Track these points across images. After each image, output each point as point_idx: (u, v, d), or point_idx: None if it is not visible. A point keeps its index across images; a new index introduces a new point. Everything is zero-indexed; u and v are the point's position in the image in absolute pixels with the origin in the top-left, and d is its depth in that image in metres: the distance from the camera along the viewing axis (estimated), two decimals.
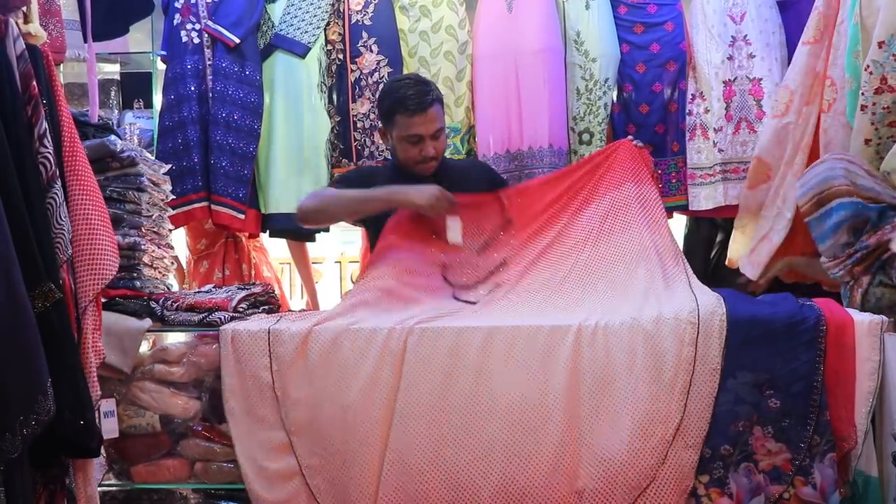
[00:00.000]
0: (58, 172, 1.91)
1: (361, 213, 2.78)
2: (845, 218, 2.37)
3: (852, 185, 2.39)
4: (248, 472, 2.31)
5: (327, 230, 3.61)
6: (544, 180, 2.88)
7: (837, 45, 2.79)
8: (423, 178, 2.73)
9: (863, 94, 2.54)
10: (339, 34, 3.58)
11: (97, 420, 2.10)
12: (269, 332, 2.34)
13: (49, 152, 1.88)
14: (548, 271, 2.62)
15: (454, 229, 2.66)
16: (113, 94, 4.05)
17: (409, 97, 2.66)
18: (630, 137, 2.76)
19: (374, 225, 2.78)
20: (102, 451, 2.28)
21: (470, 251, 2.70)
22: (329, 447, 2.27)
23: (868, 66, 2.51)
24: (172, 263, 2.94)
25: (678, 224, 3.74)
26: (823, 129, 2.87)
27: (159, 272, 2.77)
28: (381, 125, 2.85)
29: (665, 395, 2.16)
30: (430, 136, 2.68)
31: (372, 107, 3.52)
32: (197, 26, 3.50)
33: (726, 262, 3.38)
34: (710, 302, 2.26)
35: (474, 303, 2.57)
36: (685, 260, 2.62)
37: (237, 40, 3.45)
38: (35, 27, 2.08)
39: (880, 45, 2.48)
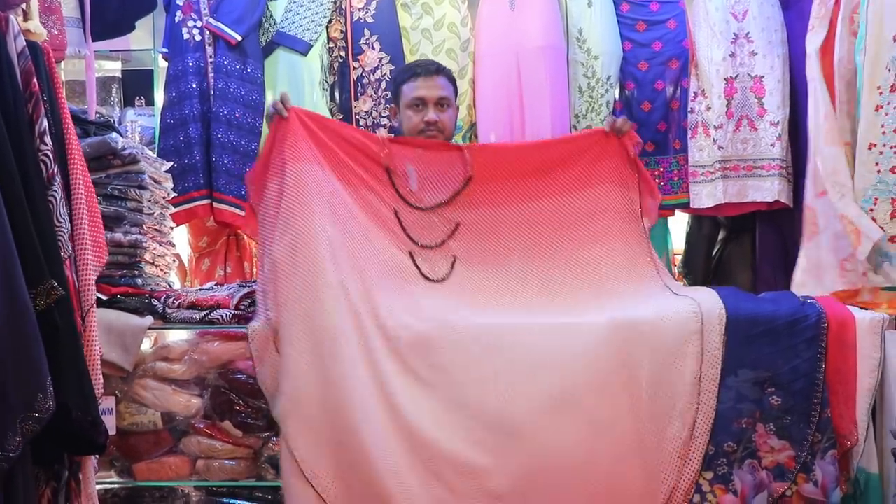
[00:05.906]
0: (57, 170, 1.90)
1: None
2: None
3: None
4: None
5: None
6: (515, 146, 2.83)
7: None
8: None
9: (880, 92, 2.50)
10: (341, 31, 3.58)
11: None
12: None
13: (49, 150, 1.88)
14: (529, 266, 2.55)
15: (412, 178, 2.58)
16: (114, 91, 4.05)
17: (418, 65, 2.81)
18: (617, 118, 2.68)
19: None
20: None
21: (425, 205, 2.58)
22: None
23: (889, 64, 2.47)
24: (174, 261, 2.95)
25: (680, 222, 3.74)
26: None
27: (161, 270, 2.77)
28: (392, 105, 2.91)
29: (680, 388, 2.18)
30: (435, 102, 2.69)
31: (374, 104, 3.52)
32: (198, 24, 3.49)
33: None
34: (707, 297, 2.28)
35: (437, 281, 2.48)
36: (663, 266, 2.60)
37: (239, 37, 3.44)
38: (35, 25, 2.07)
39: (895, 38, 2.46)
